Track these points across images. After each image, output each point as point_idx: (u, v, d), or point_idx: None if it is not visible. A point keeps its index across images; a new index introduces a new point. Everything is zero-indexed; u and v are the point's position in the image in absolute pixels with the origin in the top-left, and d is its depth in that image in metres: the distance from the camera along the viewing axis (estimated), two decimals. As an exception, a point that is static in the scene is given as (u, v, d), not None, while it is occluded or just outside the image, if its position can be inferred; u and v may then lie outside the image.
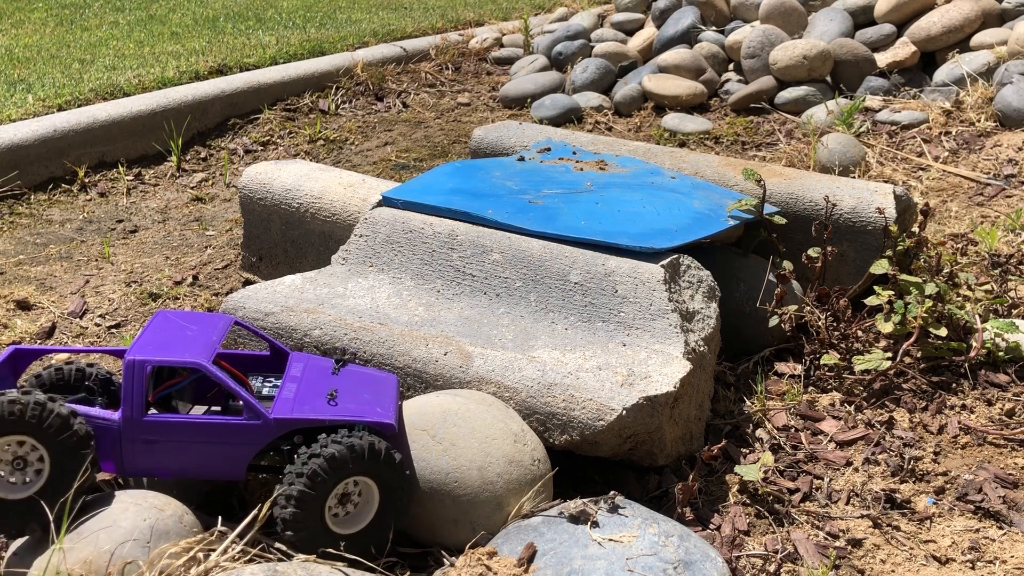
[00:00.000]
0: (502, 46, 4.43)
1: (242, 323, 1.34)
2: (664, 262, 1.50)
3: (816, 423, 1.55)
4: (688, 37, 3.68)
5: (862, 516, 1.33)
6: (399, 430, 1.23)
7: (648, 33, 3.89)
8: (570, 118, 3.31)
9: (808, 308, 1.70)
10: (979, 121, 2.82)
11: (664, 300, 1.44)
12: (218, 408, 1.29)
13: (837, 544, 1.28)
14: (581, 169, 1.92)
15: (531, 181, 1.82)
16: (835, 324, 1.69)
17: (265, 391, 1.28)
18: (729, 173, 1.95)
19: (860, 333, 1.70)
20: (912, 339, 1.62)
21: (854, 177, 2.54)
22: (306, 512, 1.12)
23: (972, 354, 1.63)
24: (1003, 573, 1.22)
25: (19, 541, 1.13)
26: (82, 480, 1.10)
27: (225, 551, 1.10)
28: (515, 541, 1.14)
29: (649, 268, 1.48)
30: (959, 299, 1.75)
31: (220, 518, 1.16)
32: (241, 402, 1.16)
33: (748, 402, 1.60)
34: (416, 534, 1.23)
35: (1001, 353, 1.65)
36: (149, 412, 1.16)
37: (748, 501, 1.37)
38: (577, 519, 1.16)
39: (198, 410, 1.29)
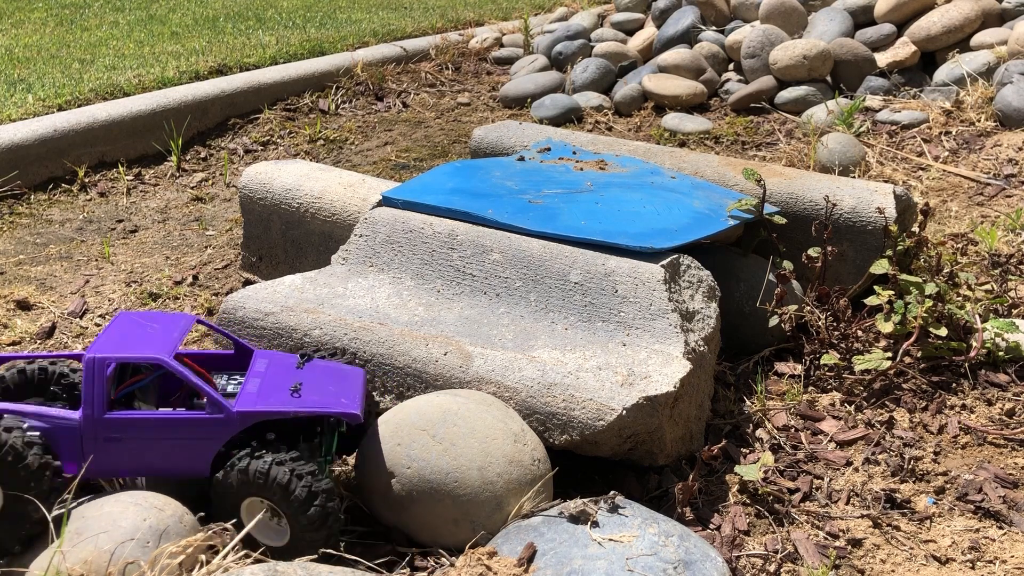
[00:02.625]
0: (502, 46, 4.43)
1: (204, 322, 1.33)
2: (664, 262, 1.50)
3: (816, 423, 1.55)
4: (688, 37, 3.68)
5: (862, 516, 1.33)
6: (368, 425, 1.24)
7: (648, 33, 3.89)
8: (570, 118, 3.31)
9: (808, 308, 1.70)
10: (979, 121, 2.82)
11: (664, 300, 1.44)
12: (183, 408, 1.28)
13: (837, 544, 1.28)
14: (581, 169, 1.92)
15: (531, 181, 1.82)
16: (835, 324, 1.69)
17: (230, 388, 1.28)
18: (729, 173, 1.95)
19: (860, 333, 1.70)
20: (912, 339, 1.62)
21: (854, 177, 2.54)
22: (222, 505, 1.14)
23: (972, 354, 1.63)
24: (1003, 573, 1.22)
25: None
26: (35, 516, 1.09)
27: (227, 554, 1.10)
28: (515, 541, 1.14)
29: (649, 268, 1.48)
30: (959, 299, 1.75)
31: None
32: (204, 399, 1.16)
33: (748, 402, 1.60)
34: (416, 534, 1.23)
35: (1001, 353, 1.65)
36: (110, 410, 1.14)
37: (748, 501, 1.37)
38: (577, 519, 1.16)
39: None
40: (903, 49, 3.18)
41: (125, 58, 3.82)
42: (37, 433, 1.13)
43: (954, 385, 1.62)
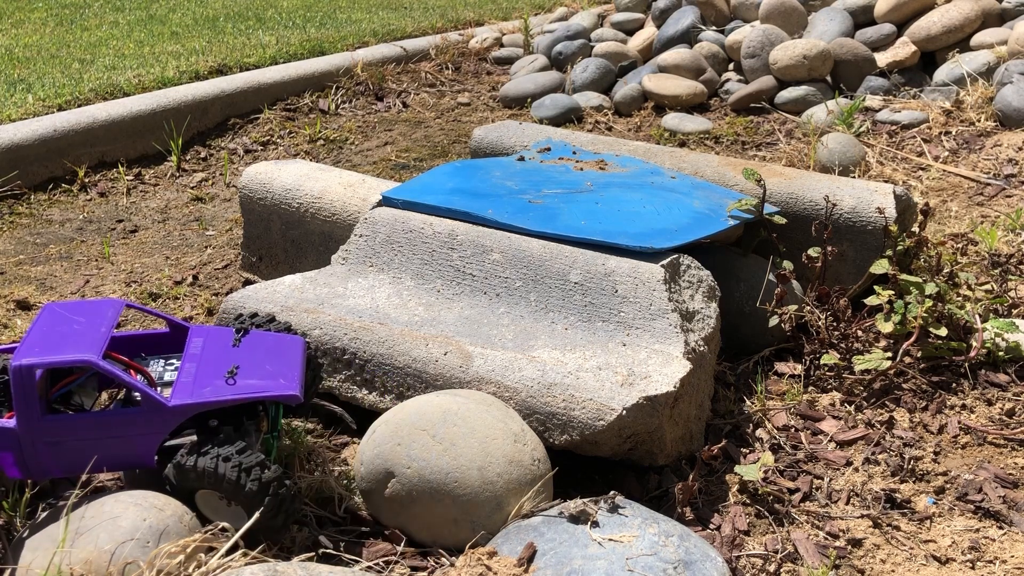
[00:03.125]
0: (502, 46, 4.43)
1: (133, 304, 1.31)
2: (664, 262, 1.50)
3: (816, 423, 1.55)
4: (688, 37, 3.68)
5: (862, 516, 1.33)
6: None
7: (648, 33, 3.89)
8: (570, 118, 3.31)
9: (808, 308, 1.70)
10: (979, 121, 2.82)
11: (664, 300, 1.44)
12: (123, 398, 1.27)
13: (837, 544, 1.28)
14: (581, 169, 1.92)
15: (531, 181, 1.82)
16: (835, 324, 1.69)
17: (167, 376, 1.25)
18: (729, 173, 1.95)
19: (860, 333, 1.70)
20: (912, 339, 1.62)
21: (854, 177, 2.54)
22: (176, 495, 1.15)
23: (972, 354, 1.63)
24: (1003, 573, 1.22)
25: (18, 540, 1.13)
26: None
27: (228, 552, 1.10)
28: (515, 541, 1.14)
29: (649, 268, 1.48)
30: (959, 299, 1.75)
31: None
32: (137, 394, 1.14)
33: (748, 402, 1.60)
34: (416, 534, 1.23)
35: (1001, 353, 1.65)
36: (46, 414, 1.12)
37: (748, 501, 1.37)
38: (577, 519, 1.16)
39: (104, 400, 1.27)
40: (903, 49, 3.18)
41: (125, 58, 3.82)
42: None
43: (954, 385, 1.62)
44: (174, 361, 1.29)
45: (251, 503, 1.12)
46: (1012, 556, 1.25)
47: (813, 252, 1.72)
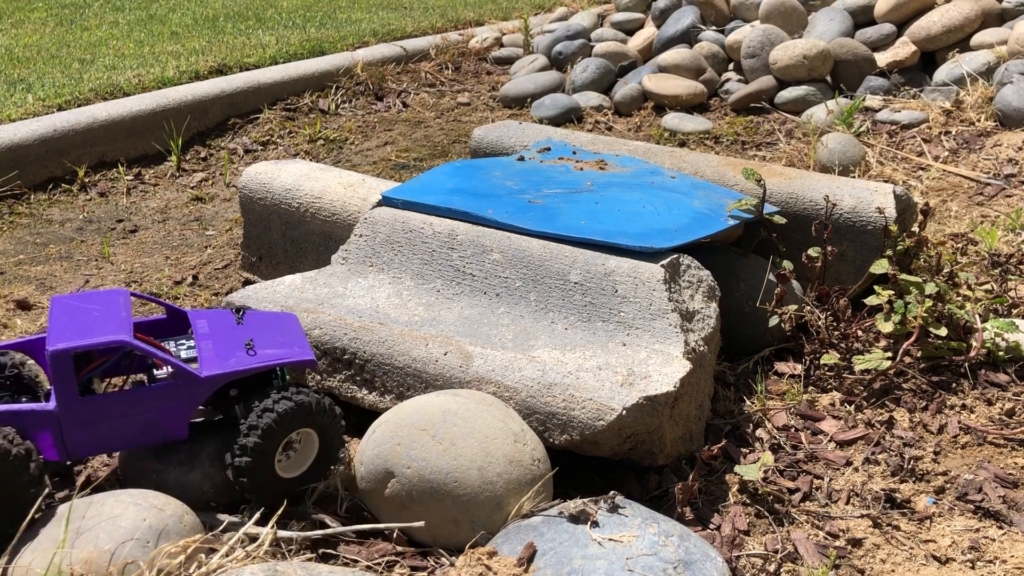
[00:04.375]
0: (502, 46, 4.43)
1: (136, 293, 1.37)
2: (664, 262, 1.50)
3: (816, 423, 1.55)
4: (688, 37, 3.68)
5: (862, 516, 1.33)
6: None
7: (648, 33, 3.89)
8: (570, 118, 3.31)
9: (808, 308, 1.70)
10: (979, 121, 2.82)
11: (664, 300, 1.44)
12: (140, 378, 1.33)
13: (837, 544, 1.28)
14: (581, 169, 1.92)
15: (531, 181, 1.82)
16: (835, 324, 1.69)
17: (184, 353, 1.32)
18: (729, 173, 1.95)
19: (860, 333, 1.70)
20: (912, 339, 1.62)
21: (854, 177, 2.54)
22: (258, 462, 1.21)
23: (972, 354, 1.63)
24: (1003, 573, 1.22)
25: (18, 540, 1.13)
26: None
27: (228, 552, 1.10)
28: (515, 541, 1.14)
29: (649, 268, 1.48)
30: (959, 299, 1.75)
31: (227, 518, 1.16)
32: (164, 368, 1.23)
33: (748, 402, 1.60)
34: (416, 534, 1.23)
35: (1001, 353, 1.65)
36: (83, 395, 1.18)
37: (748, 501, 1.37)
38: (577, 519, 1.16)
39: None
40: (903, 49, 3.18)
41: (125, 58, 3.82)
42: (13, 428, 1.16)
43: (954, 385, 1.62)
44: (184, 342, 1.34)
45: (333, 428, 1.26)
46: (1012, 556, 1.25)
47: (813, 252, 1.72)
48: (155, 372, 1.27)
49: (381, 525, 1.22)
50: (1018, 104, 2.73)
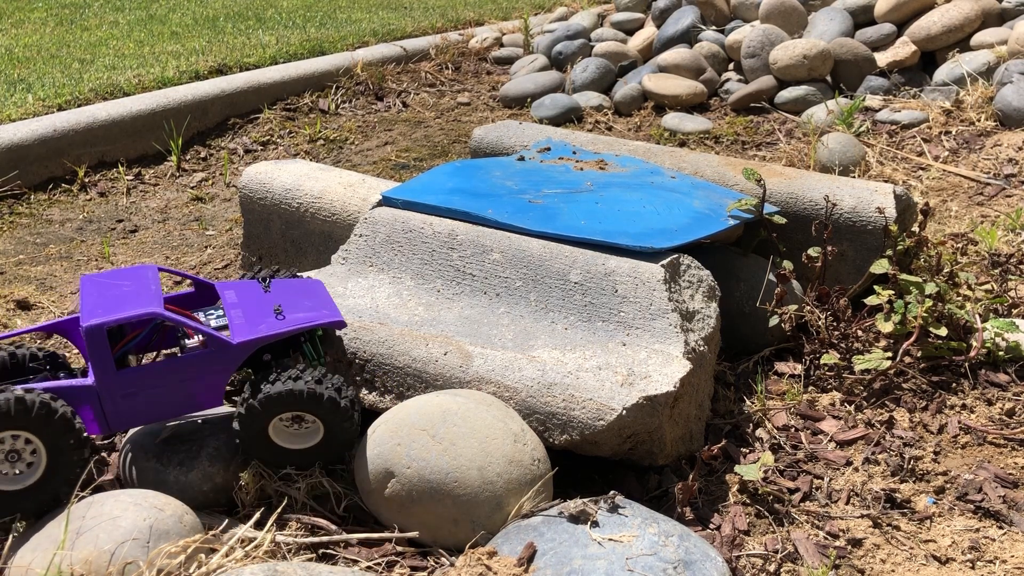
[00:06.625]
0: (502, 46, 4.43)
1: (163, 268, 1.39)
2: (664, 262, 1.50)
3: (816, 423, 1.55)
4: (688, 37, 3.68)
5: (862, 516, 1.33)
6: None
7: (648, 33, 3.89)
8: (570, 118, 3.31)
9: (808, 308, 1.70)
10: (979, 121, 2.82)
11: (664, 300, 1.44)
12: (169, 351, 1.35)
13: (837, 544, 1.28)
14: (581, 169, 1.92)
15: (531, 181, 1.82)
16: (835, 324, 1.69)
17: (214, 323, 1.34)
18: (729, 173, 1.95)
19: (860, 333, 1.70)
20: (912, 339, 1.62)
21: (854, 177, 2.54)
22: (252, 422, 1.22)
23: (972, 354, 1.63)
24: (1003, 573, 1.22)
25: (18, 540, 1.13)
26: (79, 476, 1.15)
27: (228, 552, 1.10)
28: (515, 541, 1.14)
29: (649, 268, 1.48)
30: (959, 299, 1.74)
31: (227, 520, 1.16)
32: (196, 337, 1.25)
33: (748, 402, 1.60)
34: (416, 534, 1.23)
35: (1001, 353, 1.65)
36: (120, 369, 1.20)
37: (748, 501, 1.37)
38: (577, 519, 1.16)
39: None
40: (903, 49, 3.18)
41: (125, 58, 3.82)
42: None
43: (954, 385, 1.62)
44: (213, 312, 1.36)
45: (340, 418, 1.24)
46: (1012, 556, 1.25)
47: (813, 252, 1.72)
48: (186, 344, 1.29)
49: (375, 535, 1.22)
50: (1018, 104, 2.73)
